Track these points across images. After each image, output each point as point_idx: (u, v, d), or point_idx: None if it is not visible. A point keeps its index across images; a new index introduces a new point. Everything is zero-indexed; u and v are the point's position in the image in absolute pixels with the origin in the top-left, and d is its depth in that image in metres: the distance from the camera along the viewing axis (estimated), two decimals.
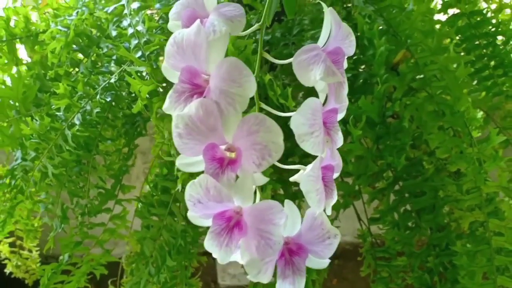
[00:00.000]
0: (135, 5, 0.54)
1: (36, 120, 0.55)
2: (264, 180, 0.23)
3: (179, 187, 0.51)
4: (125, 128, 0.61)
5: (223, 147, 0.23)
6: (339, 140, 0.26)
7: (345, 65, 0.26)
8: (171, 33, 0.28)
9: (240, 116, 0.22)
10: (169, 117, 0.53)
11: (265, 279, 0.23)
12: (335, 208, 0.54)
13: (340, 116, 0.26)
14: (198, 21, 0.23)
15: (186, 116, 0.22)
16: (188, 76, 0.23)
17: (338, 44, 0.25)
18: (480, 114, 0.68)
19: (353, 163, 0.53)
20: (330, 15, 0.24)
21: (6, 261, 0.81)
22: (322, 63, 0.23)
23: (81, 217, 0.57)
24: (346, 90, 0.25)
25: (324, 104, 0.25)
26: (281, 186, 0.51)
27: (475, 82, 0.68)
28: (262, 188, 0.48)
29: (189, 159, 0.23)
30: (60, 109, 0.55)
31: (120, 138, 0.61)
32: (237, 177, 0.22)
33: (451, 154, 0.54)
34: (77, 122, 0.53)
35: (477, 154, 0.52)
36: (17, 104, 0.62)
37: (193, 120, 0.22)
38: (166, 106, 0.24)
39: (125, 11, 0.55)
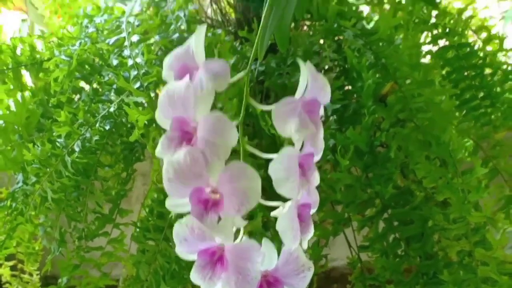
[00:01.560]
0: (135, 38, 0.57)
1: (38, 146, 0.58)
2: (243, 223, 0.25)
3: (173, 213, 0.53)
4: (124, 153, 0.63)
5: (208, 190, 0.25)
6: (316, 180, 0.28)
7: (322, 112, 0.28)
8: None
9: (223, 164, 0.24)
10: None
11: None
12: (325, 235, 0.55)
13: (317, 158, 0.28)
14: (187, 77, 0.25)
15: (175, 162, 0.24)
16: (178, 125, 0.26)
17: (315, 95, 0.27)
18: (469, 143, 0.70)
19: (342, 192, 0.55)
20: (306, 69, 0.27)
21: (7, 285, 0.82)
22: (297, 116, 0.25)
23: (78, 241, 0.58)
24: (321, 136, 0.28)
25: (301, 149, 0.27)
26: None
27: (464, 112, 0.70)
28: (253, 216, 0.51)
29: (178, 201, 0.26)
30: (61, 135, 0.57)
31: (118, 163, 0.63)
32: (219, 218, 0.24)
33: (437, 183, 0.56)
34: (77, 149, 0.55)
35: (462, 184, 0.54)
36: (20, 129, 0.64)
37: (181, 166, 0.24)
38: (159, 151, 0.26)
39: (126, 43, 0.57)
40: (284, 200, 0.28)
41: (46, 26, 0.80)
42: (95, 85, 0.64)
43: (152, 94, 0.57)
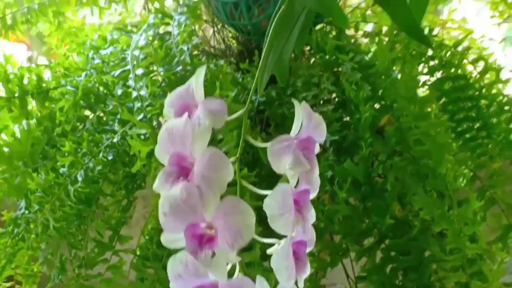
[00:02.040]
0: (139, 71, 0.58)
1: (42, 174, 0.59)
2: (236, 259, 0.26)
3: None
4: (125, 181, 0.64)
5: (203, 225, 0.26)
6: (311, 217, 0.29)
7: (317, 150, 0.29)
8: None
9: (218, 199, 0.25)
10: None
11: None
12: (323, 267, 0.55)
13: (313, 195, 0.29)
14: (186, 114, 0.26)
15: (171, 197, 0.25)
16: (176, 160, 0.27)
17: (310, 133, 0.28)
18: (467, 171, 0.71)
19: (340, 222, 0.56)
20: (301, 108, 0.28)
21: None
22: (292, 154, 0.26)
23: (78, 269, 0.59)
24: (316, 173, 0.29)
25: (296, 185, 0.28)
26: (270, 244, 0.53)
27: (460, 142, 0.71)
28: (252, 247, 0.51)
29: (173, 236, 0.26)
30: (64, 164, 0.58)
31: (120, 191, 0.64)
32: (213, 254, 0.25)
33: (434, 215, 0.56)
34: (80, 178, 0.56)
35: (458, 216, 0.54)
36: (24, 156, 0.65)
37: (177, 201, 0.25)
38: (156, 186, 0.27)
39: (131, 75, 0.59)
40: (281, 236, 0.29)
41: (51, 56, 0.82)
42: (99, 114, 0.66)
43: (155, 123, 0.58)
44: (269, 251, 0.29)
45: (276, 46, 0.38)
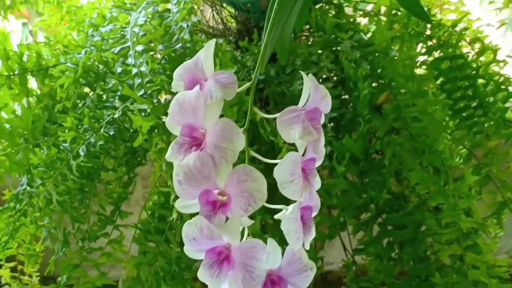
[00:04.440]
0: (139, 47, 0.59)
1: (44, 150, 0.59)
2: (249, 222, 0.27)
3: (174, 216, 0.55)
4: (126, 157, 0.65)
5: (216, 192, 0.27)
6: (317, 184, 0.30)
7: (322, 120, 0.30)
8: (172, 73, 0.32)
9: (231, 167, 0.26)
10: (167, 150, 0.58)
11: None
12: (321, 238, 0.57)
13: (318, 163, 0.30)
14: (197, 87, 0.27)
15: (185, 165, 0.26)
16: (188, 131, 0.28)
17: (316, 104, 0.29)
18: (464, 150, 0.72)
19: (338, 197, 0.57)
20: (309, 81, 0.29)
21: (6, 286, 0.83)
22: (301, 123, 0.27)
23: (81, 242, 0.60)
24: (323, 142, 0.30)
25: (303, 154, 0.29)
26: (270, 217, 0.55)
27: (457, 121, 0.73)
28: (252, 219, 0.52)
29: (187, 202, 0.27)
30: (66, 140, 0.59)
31: (121, 167, 0.65)
32: (227, 218, 0.26)
33: (430, 190, 0.58)
34: (82, 153, 0.57)
35: (453, 191, 0.56)
36: (25, 133, 0.66)
37: (190, 170, 0.26)
38: (169, 155, 0.28)
39: (130, 52, 0.59)
40: (285, 204, 0.30)
41: (50, 32, 0.82)
42: (99, 92, 0.66)
43: (155, 101, 0.59)
44: (276, 216, 0.30)
45: (278, 24, 0.39)
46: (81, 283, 0.66)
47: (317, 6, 0.74)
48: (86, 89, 0.68)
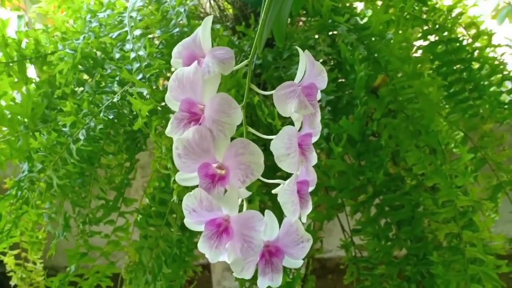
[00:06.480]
0: (137, 32, 0.59)
1: (44, 134, 0.60)
2: (247, 193, 0.28)
3: (174, 198, 0.56)
4: (127, 143, 0.66)
5: (214, 165, 0.28)
6: (313, 159, 0.31)
7: (319, 96, 0.31)
8: (170, 57, 0.33)
9: (229, 141, 0.27)
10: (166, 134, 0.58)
11: (248, 275, 0.28)
12: (319, 219, 0.58)
13: (314, 139, 0.31)
14: (196, 62, 0.28)
15: (184, 140, 0.27)
16: (186, 106, 0.28)
17: (312, 80, 0.30)
18: (459, 135, 0.73)
19: (335, 178, 0.58)
20: (305, 57, 0.29)
21: (11, 273, 0.84)
22: (297, 98, 0.28)
23: (82, 226, 0.61)
24: (319, 118, 0.30)
25: (300, 129, 0.30)
26: (269, 198, 0.55)
27: (453, 104, 0.73)
28: (251, 200, 0.53)
29: (186, 175, 0.28)
30: (66, 125, 0.59)
31: (121, 153, 0.65)
32: (225, 190, 0.27)
33: (427, 170, 0.58)
34: (82, 138, 0.58)
35: (449, 170, 0.56)
36: (25, 119, 0.66)
37: (190, 143, 0.27)
38: (168, 130, 0.29)
39: (128, 37, 0.59)
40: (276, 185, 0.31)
41: (47, 21, 0.82)
42: (98, 78, 0.66)
43: (154, 86, 0.59)
44: (274, 191, 0.31)
45: (274, 6, 0.39)
46: (92, 273, 0.67)
47: None
48: (85, 76, 0.69)
